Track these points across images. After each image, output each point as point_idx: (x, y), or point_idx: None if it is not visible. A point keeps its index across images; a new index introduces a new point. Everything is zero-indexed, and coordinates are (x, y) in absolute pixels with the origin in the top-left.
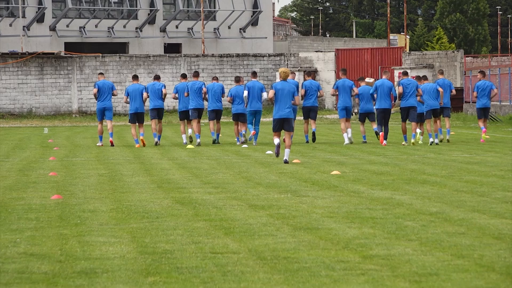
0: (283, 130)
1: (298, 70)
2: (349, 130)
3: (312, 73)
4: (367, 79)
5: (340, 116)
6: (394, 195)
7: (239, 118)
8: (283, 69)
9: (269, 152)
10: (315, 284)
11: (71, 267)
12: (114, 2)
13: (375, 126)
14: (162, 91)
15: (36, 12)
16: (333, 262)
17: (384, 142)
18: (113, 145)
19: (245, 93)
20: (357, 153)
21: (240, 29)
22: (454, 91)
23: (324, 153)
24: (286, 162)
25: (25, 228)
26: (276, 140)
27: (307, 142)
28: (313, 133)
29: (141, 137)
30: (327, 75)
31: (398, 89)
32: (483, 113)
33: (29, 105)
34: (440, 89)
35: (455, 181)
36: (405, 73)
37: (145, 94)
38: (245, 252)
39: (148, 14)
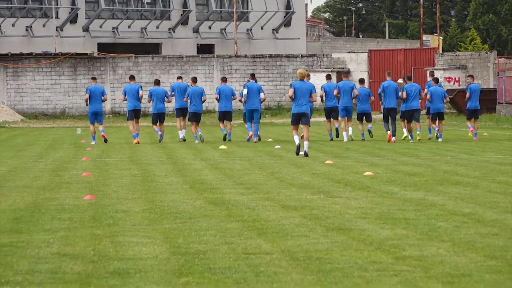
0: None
1: (331, 71)
2: (350, 128)
3: (330, 76)
4: (399, 80)
5: (341, 116)
6: (427, 196)
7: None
8: (300, 70)
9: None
10: (348, 285)
11: (104, 267)
12: (147, 3)
13: (370, 125)
14: (165, 94)
15: (69, 12)
16: (366, 263)
17: (393, 138)
18: (106, 141)
19: (245, 91)
20: (390, 154)
21: (273, 29)
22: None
23: (357, 154)
24: (306, 154)
25: (58, 228)
26: (296, 139)
27: (332, 139)
28: (337, 129)
29: (136, 138)
30: (360, 76)
31: (402, 95)
32: (474, 114)
33: (62, 106)
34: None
35: (488, 182)
36: (409, 78)
37: (141, 92)
38: (278, 253)
39: (181, 14)
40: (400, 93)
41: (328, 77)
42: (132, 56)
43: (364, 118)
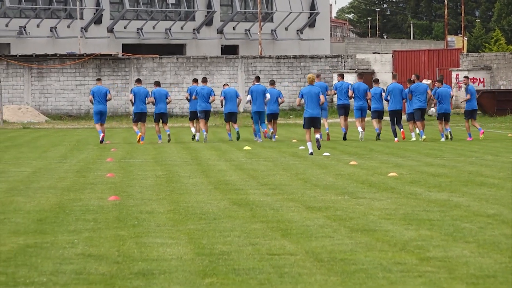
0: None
1: (355, 72)
2: (362, 131)
3: (342, 75)
4: (424, 81)
5: (356, 116)
6: (451, 197)
7: (273, 117)
8: (309, 75)
9: (326, 154)
10: (372, 286)
11: (129, 268)
12: (172, 4)
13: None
14: (167, 96)
15: (94, 13)
16: (390, 264)
17: (396, 139)
18: (102, 142)
19: (248, 97)
20: (414, 155)
21: (297, 30)
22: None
23: (381, 155)
24: (317, 140)
25: (83, 229)
26: (309, 146)
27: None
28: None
29: (139, 134)
30: (384, 77)
31: (408, 96)
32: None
33: (86, 107)
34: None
35: None
36: (417, 77)
37: (149, 99)
38: (302, 254)
39: (205, 15)
40: (429, 94)
41: (341, 76)
42: (156, 57)
43: (377, 116)
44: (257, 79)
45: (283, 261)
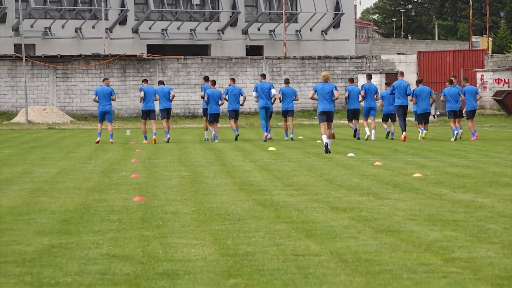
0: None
1: (380, 73)
2: (373, 131)
3: (352, 79)
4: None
5: (364, 116)
6: (476, 198)
7: (288, 114)
8: (323, 73)
9: (350, 154)
10: (397, 287)
11: (153, 268)
12: (196, 5)
13: (393, 127)
14: (167, 94)
15: (119, 14)
16: (415, 265)
17: (404, 134)
18: (112, 143)
19: (254, 94)
20: (439, 156)
21: (322, 31)
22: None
23: (405, 155)
24: (328, 152)
25: (108, 229)
26: (324, 138)
27: (355, 133)
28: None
29: (154, 136)
30: (409, 78)
31: (413, 101)
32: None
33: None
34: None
35: None
36: (420, 81)
37: (157, 96)
38: (327, 255)
39: (230, 16)
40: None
41: (351, 80)
42: (181, 57)
43: (389, 119)
44: (263, 76)
45: (307, 261)
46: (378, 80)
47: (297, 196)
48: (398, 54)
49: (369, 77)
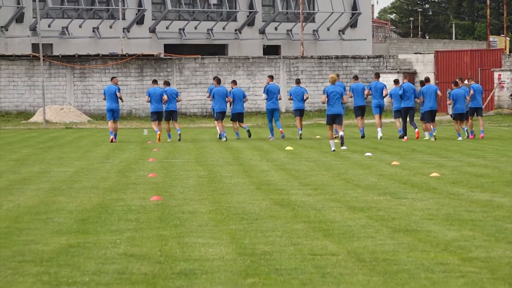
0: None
1: (397, 72)
2: (379, 129)
3: (357, 76)
4: (466, 81)
5: (374, 113)
6: (493, 197)
7: (299, 113)
8: (331, 75)
9: (368, 154)
10: (414, 287)
11: (171, 268)
12: (214, 4)
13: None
14: (177, 95)
15: (136, 14)
16: (433, 265)
17: (406, 137)
18: (114, 142)
19: (264, 96)
20: (456, 155)
21: (339, 31)
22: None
23: (423, 155)
24: (341, 138)
25: (125, 229)
26: (332, 144)
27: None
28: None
29: (158, 133)
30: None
31: (420, 99)
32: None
33: (129, 107)
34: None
35: None
36: (427, 80)
37: (165, 97)
38: (344, 254)
39: (247, 16)
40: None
41: (355, 78)
42: (198, 57)
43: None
44: (271, 78)
45: (325, 261)
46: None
47: (315, 196)
48: (416, 53)
49: (377, 76)
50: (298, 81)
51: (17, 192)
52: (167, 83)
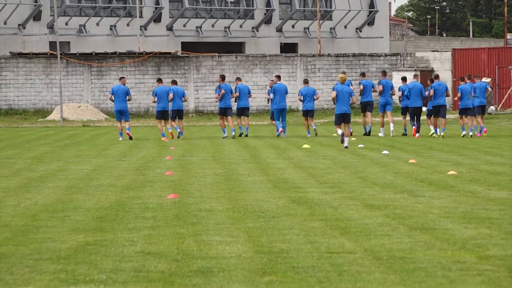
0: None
1: (415, 70)
2: (391, 124)
3: (364, 74)
4: (484, 79)
5: (381, 111)
6: (511, 196)
7: (309, 113)
8: (341, 75)
9: (385, 152)
10: (431, 285)
11: (188, 266)
12: (231, 2)
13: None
14: (183, 95)
15: (153, 12)
16: (450, 263)
17: (417, 135)
18: (131, 139)
19: (271, 96)
20: (473, 153)
21: (356, 28)
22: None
23: (440, 153)
24: (346, 147)
25: (142, 227)
26: (339, 131)
27: (365, 134)
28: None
29: (169, 131)
30: (444, 75)
31: (430, 92)
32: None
33: (146, 105)
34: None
35: None
36: (437, 76)
37: (170, 95)
38: (361, 252)
39: (265, 13)
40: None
41: (363, 75)
42: (215, 55)
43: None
44: (278, 77)
45: (342, 259)
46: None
47: (332, 194)
48: (433, 51)
49: (384, 73)
50: (306, 81)
51: (34, 190)
52: (174, 82)
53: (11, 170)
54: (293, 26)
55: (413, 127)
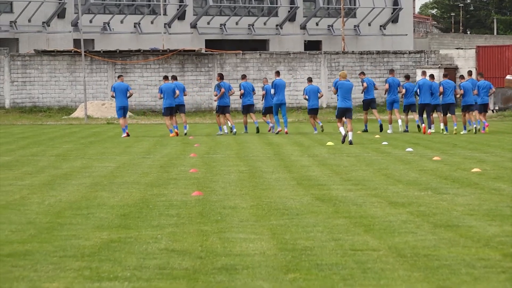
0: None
1: (439, 67)
2: (400, 120)
3: (363, 72)
4: (508, 77)
5: (388, 109)
6: None
7: (314, 112)
8: (342, 72)
9: (409, 149)
10: (455, 282)
11: (212, 263)
12: (255, 0)
13: (417, 117)
14: (184, 90)
15: (177, 9)
16: (474, 260)
17: (429, 130)
18: (129, 136)
19: (272, 91)
20: (498, 151)
21: (380, 26)
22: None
23: (464, 150)
24: (351, 142)
25: (166, 224)
26: (342, 130)
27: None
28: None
29: (175, 130)
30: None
31: (440, 89)
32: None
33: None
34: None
35: None
36: (445, 75)
37: (177, 92)
38: (385, 250)
39: (288, 11)
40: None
41: (362, 73)
42: (239, 52)
43: (409, 110)
44: (278, 73)
45: (366, 256)
46: (436, 75)
47: (356, 191)
48: (457, 49)
49: (391, 72)
50: (310, 80)
51: (58, 187)
52: (174, 78)
53: (35, 168)
54: (317, 24)
55: (423, 124)
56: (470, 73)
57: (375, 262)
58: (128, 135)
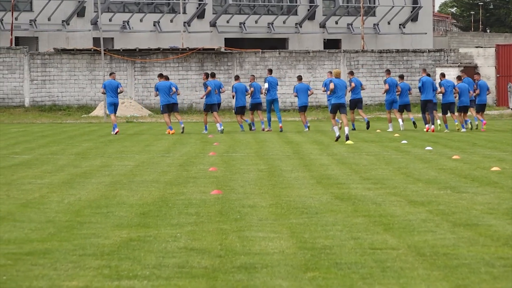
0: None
1: (458, 66)
2: (400, 120)
3: (352, 72)
4: None
5: (387, 109)
6: None
7: (304, 109)
8: (336, 70)
9: (428, 148)
10: (475, 281)
11: (231, 262)
12: None
13: (412, 116)
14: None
15: (197, 8)
16: (493, 259)
17: (432, 127)
18: (117, 134)
19: (266, 85)
20: None
21: (400, 24)
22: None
23: (484, 149)
24: (347, 138)
25: (185, 223)
26: (336, 130)
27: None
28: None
29: (172, 130)
30: (487, 71)
31: (441, 89)
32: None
33: (189, 101)
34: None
35: None
36: (443, 75)
37: (173, 89)
38: (405, 248)
39: (308, 10)
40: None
41: (351, 73)
42: (259, 51)
43: (404, 109)
44: (270, 71)
45: (385, 255)
46: (455, 73)
47: (375, 190)
48: (477, 47)
49: (387, 72)
50: (300, 78)
51: (78, 186)
52: (166, 78)
53: (55, 166)
54: (336, 22)
55: (426, 125)
56: (459, 78)
57: (395, 261)
58: (117, 132)
